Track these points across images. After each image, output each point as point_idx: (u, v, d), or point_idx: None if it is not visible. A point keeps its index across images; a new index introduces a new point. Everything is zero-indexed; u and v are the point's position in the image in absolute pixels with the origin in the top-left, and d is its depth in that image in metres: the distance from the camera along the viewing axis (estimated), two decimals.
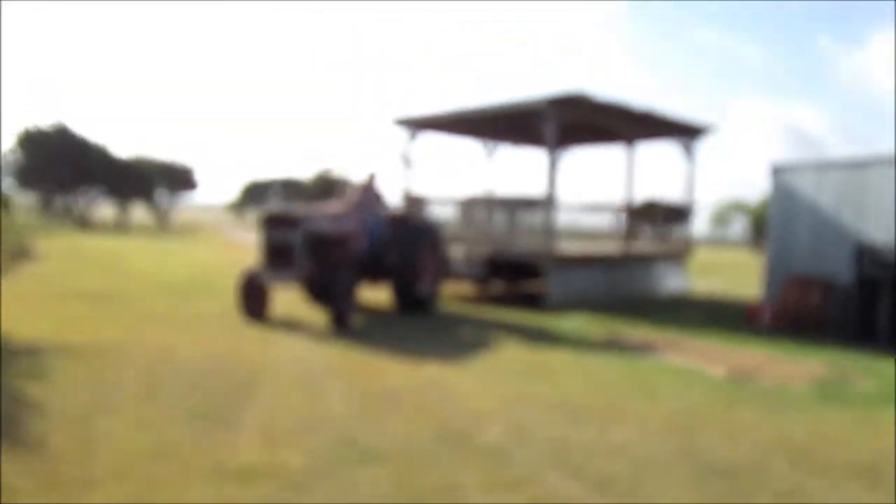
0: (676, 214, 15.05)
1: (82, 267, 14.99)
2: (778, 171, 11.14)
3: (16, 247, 16.17)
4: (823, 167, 10.47)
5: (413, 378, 6.21)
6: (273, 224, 9.52)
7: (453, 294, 12.57)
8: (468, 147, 24.98)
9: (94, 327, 7.87)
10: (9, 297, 9.53)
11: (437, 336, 8.48)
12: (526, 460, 4.24)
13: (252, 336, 7.89)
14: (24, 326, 7.52)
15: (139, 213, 43.92)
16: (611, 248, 14.26)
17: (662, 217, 15.09)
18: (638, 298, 13.22)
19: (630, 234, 14.96)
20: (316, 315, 9.54)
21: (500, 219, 13.13)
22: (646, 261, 14.40)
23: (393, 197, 12.70)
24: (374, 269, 10.35)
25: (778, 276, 10.66)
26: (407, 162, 12.02)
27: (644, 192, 19.17)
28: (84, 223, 38.46)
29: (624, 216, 15.14)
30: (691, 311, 11.70)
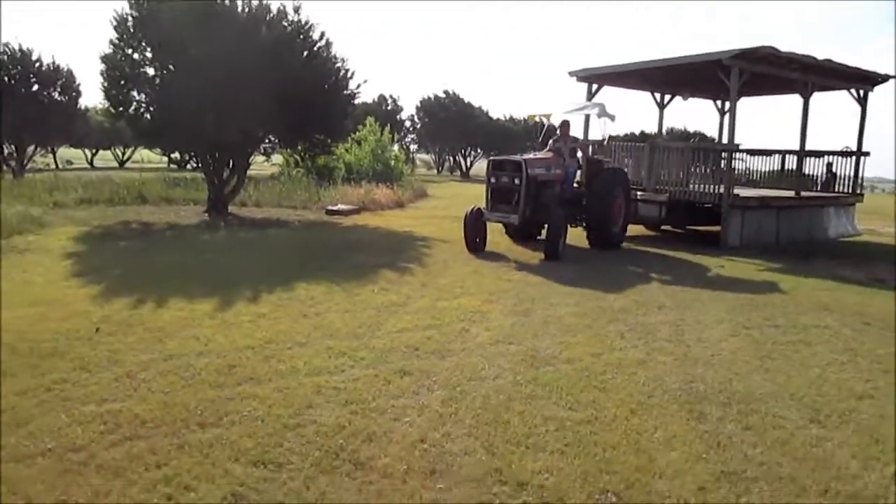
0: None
1: (456, 204, 21.31)
2: None
3: (417, 190, 23.55)
4: None
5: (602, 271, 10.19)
6: (498, 169, 11.02)
7: (637, 233, 14.22)
8: (638, 98, 24.07)
9: (454, 232, 13.34)
10: (411, 217, 15.87)
11: (627, 261, 10.97)
12: (644, 296, 8.14)
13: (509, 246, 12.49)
14: (420, 230, 13.33)
15: None
16: (782, 192, 15.30)
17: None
18: (815, 241, 14.16)
19: (828, 181, 15.93)
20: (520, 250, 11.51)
21: (679, 163, 14.23)
22: (817, 205, 15.18)
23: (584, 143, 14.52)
24: (573, 210, 11.68)
25: None
26: (602, 112, 12.64)
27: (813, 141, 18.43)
28: (465, 174, 47.67)
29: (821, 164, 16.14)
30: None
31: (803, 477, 3.52)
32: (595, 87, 16.63)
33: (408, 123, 50.86)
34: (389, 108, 48.26)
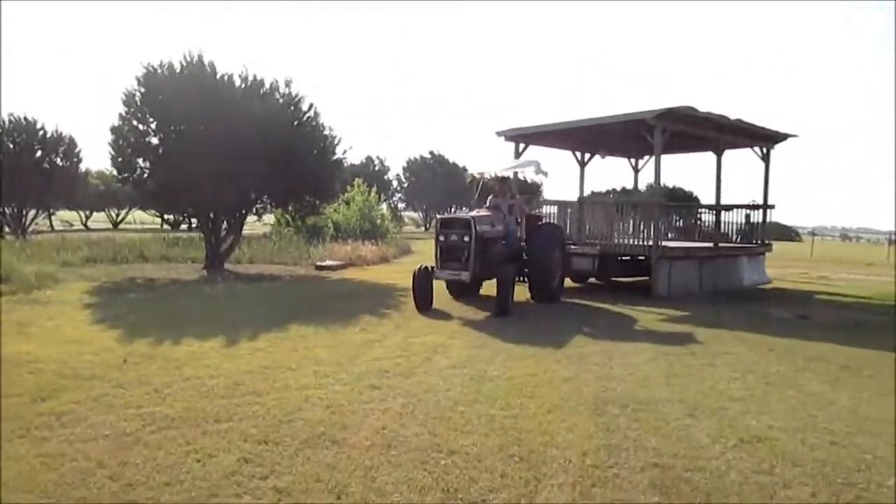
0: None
1: None
2: None
3: (402, 247, 25.08)
4: None
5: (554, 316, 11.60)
6: (447, 227, 11.45)
7: (571, 286, 15.15)
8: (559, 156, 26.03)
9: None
10: (394, 271, 17.33)
11: (569, 310, 12.95)
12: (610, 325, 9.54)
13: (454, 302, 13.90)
14: (400, 283, 14.69)
15: None
16: (701, 244, 16.74)
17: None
18: (733, 290, 15.40)
19: (747, 233, 17.36)
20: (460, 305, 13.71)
21: (609, 218, 15.19)
22: (732, 256, 16.57)
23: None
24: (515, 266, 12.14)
25: None
26: (538, 169, 13.28)
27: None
28: None
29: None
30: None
31: (663, 447, 4.85)
32: (522, 146, 17.40)
33: (395, 183, 52.86)
34: (377, 168, 50.35)
